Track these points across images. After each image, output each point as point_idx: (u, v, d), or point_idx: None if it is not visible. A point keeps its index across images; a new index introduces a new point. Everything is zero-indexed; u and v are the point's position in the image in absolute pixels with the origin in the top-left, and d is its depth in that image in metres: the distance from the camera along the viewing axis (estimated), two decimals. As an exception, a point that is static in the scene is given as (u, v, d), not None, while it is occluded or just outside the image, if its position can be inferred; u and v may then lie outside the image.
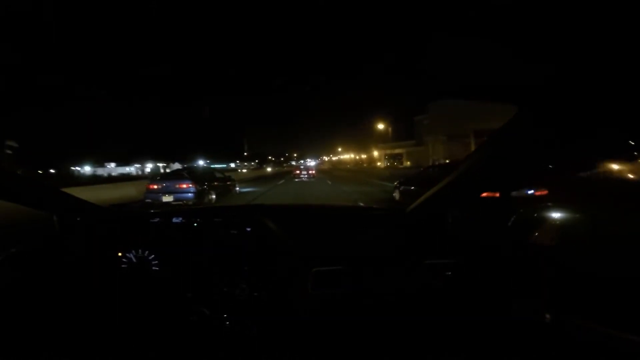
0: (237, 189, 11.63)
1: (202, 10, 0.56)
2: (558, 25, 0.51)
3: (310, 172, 21.76)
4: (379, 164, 39.86)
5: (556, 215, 1.02)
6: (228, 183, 10.58)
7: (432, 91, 1.19)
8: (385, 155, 38.62)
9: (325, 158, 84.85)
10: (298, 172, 22.12)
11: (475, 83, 0.79)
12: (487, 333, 1.08)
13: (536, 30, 0.53)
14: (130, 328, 1.19)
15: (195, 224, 1.40)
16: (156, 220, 1.45)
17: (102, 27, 0.60)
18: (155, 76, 0.85)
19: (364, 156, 52.13)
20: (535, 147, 0.84)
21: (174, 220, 1.42)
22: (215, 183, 9.36)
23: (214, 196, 8.85)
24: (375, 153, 41.40)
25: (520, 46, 0.58)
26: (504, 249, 1.15)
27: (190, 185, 8.05)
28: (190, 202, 7.91)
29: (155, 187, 8.18)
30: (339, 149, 63.15)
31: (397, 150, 34.81)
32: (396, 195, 8.79)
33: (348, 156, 60.66)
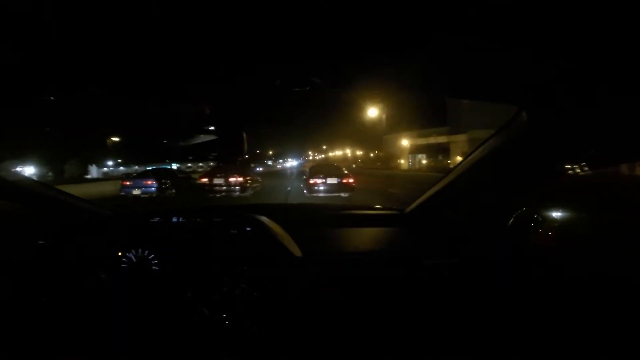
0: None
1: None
2: (559, 24, 0.52)
3: (234, 179, 10.30)
4: (401, 161, 26.40)
5: (556, 215, 1.05)
6: (189, 181, 12.81)
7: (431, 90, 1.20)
8: (412, 148, 25.32)
9: (311, 156, 73.12)
10: (206, 179, 10.72)
11: (475, 83, 0.80)
12: (486, 332, 1.11)
13: (537, 30, 0.54)
14: (130, 327, 1.17)
15: (195, 224, 1.37)
16: (156, 219, 1.41)
17: (100, 25, 0.56)
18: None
19: (359, 152, 39.57)
20: (535, 147, 0.86)
21: (174, 220, 1.38)
22: (175, 180, 11.45)
23: (174, 190, 10.94)
24: (405, 142, 26.12)
25: (520, 46, 0.59)
26: (503, 249, 1.18)
27: (153, 182, 10.26)
28: (154, 195, 10.11)
29: (128, 183, 10.54)
30: (338, 143, 46.53)
31: (442, 139, 20.48)
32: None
33: (341, 152, 46.08)
